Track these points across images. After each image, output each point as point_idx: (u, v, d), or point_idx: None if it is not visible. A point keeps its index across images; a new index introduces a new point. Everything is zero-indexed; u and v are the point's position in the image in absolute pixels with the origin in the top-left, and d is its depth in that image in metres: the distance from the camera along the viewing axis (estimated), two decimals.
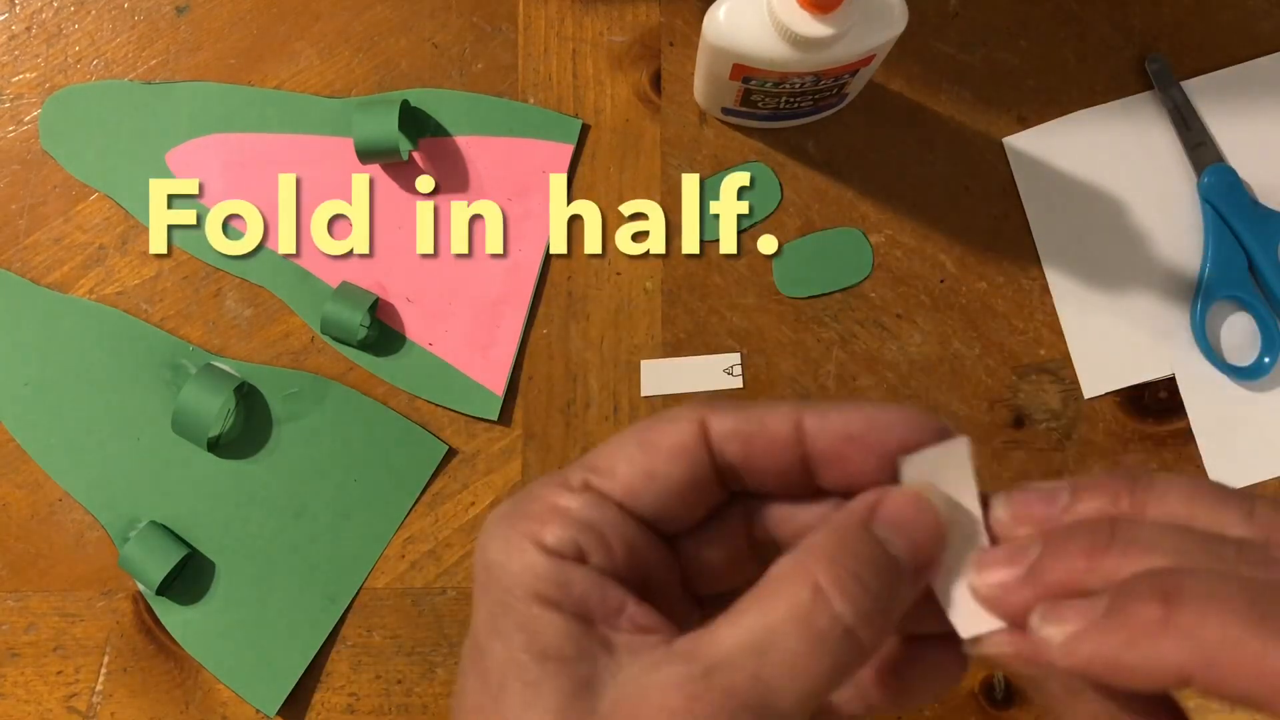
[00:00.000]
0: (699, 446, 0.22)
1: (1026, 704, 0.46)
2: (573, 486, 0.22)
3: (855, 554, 0.20)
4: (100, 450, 0.47)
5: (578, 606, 0.21)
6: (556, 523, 0.21)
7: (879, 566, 0.20)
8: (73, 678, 0.47)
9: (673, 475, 0.22)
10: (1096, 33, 0.49)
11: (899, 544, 0.20)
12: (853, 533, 0.20)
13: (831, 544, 0.20)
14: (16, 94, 0.49)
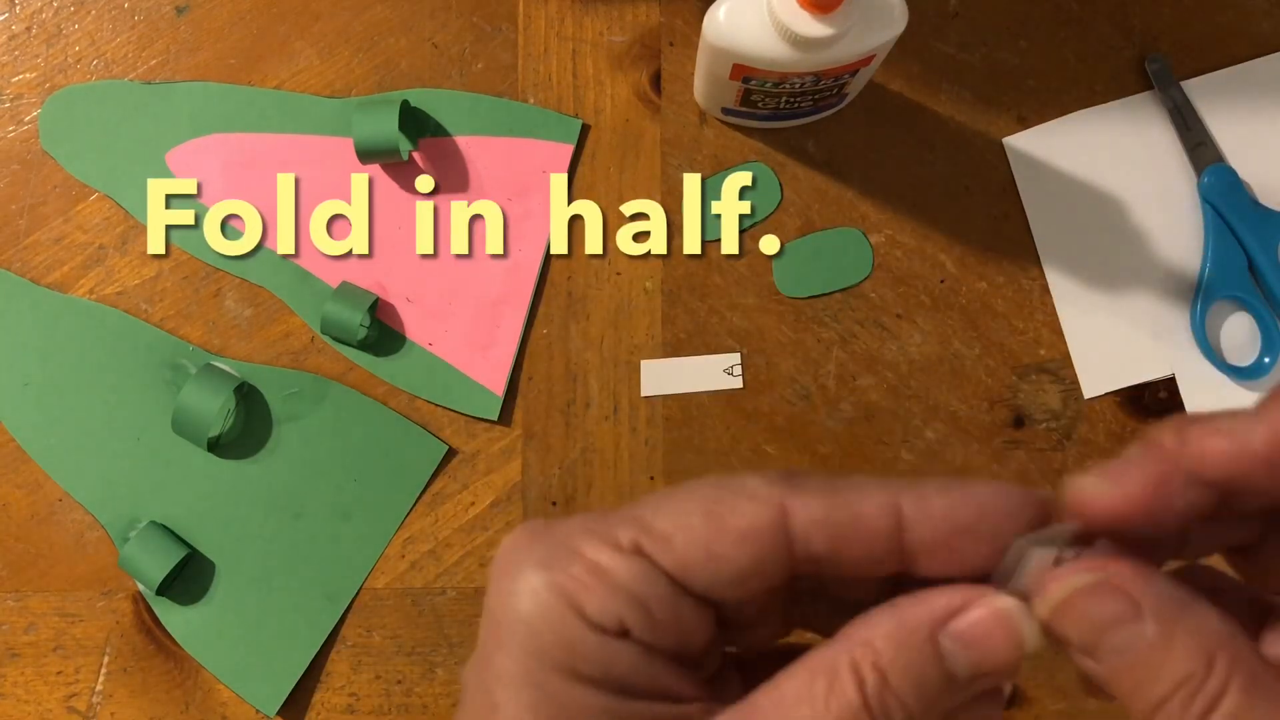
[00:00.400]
0: (775, 534, 0.20)
1: (1027, 704, 0.46)
2: (621, 546, 0.20)
3: (909, 666, 0.19)
4: (100, 450, 0.47)
5: (617, 683, 0.19)
6: (601, 590, 0.19)
7: (932, 685, 0.19)
8: (73, 678, 0.47)
9: (739, 561, 0.20)
10: (1096, 33, 0.49)
11: (963, 661, 0.19)
12: (916, 642, 0.19)
13: (891, 649, 0.19)
14: (16, 94, 0.49)
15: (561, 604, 0.19)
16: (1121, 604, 0.18)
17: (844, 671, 0.19)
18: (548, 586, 0.19)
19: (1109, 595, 0.18)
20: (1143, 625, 0.18)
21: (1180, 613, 0.18)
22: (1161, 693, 0.18)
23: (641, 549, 0.20)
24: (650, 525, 0.20)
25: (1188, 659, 0.18)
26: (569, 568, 0.19)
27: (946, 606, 0.19)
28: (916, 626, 0.19)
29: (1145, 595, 0.18)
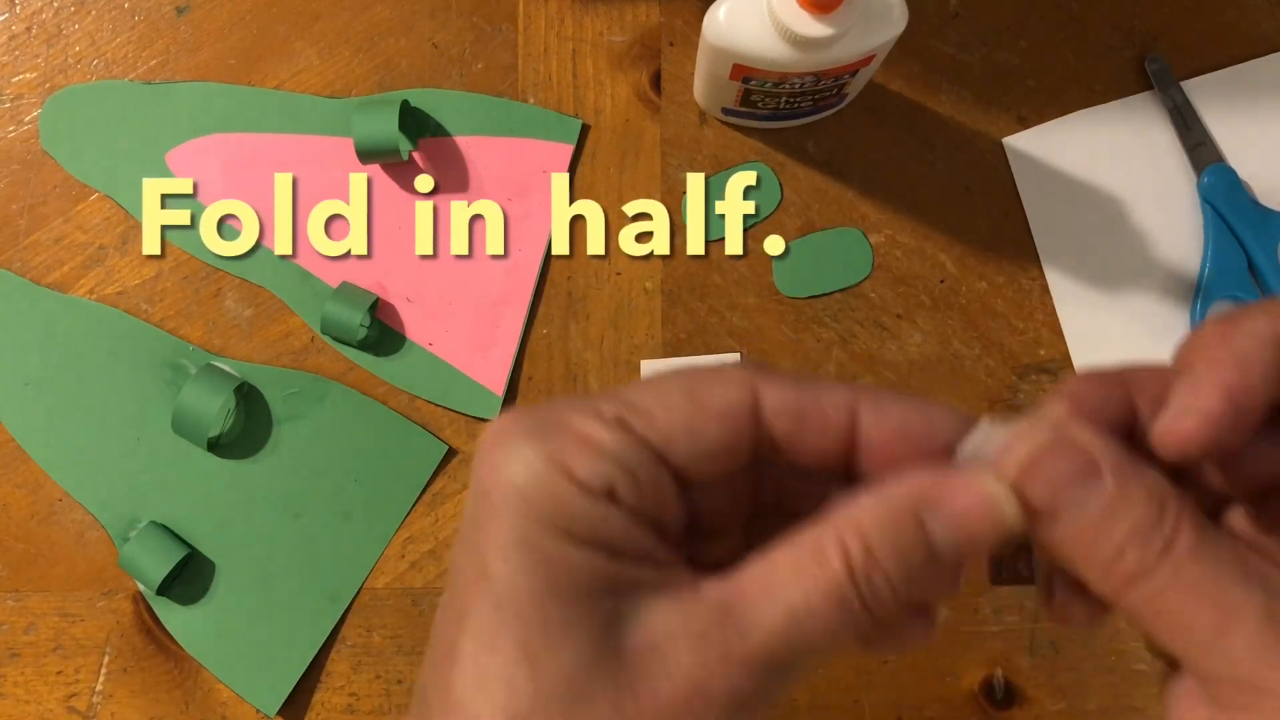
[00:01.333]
0: (748, 415, 0.21)
1: (1027, 704, 0.46)
2: (605, 419, 0.21)
3: (893, 538, 0.20)
4: (100, 450, 0.47)
5: (606, 543, 0.20)
6: (590, 455, 0.20)
7: (916, 561, 0.20)
8: (73, 678, 0.47)
9: (713, 437, 0.21)
10: (1096, 33, 0.49)
11: (948, 540, 0.20)
12: (902, 520, 0.20)
13: (877, 527, 0.20)
14: (16, 94, 0.49)
15: (552, 469, 0.20)
16: (1082, 460, 0.20)
17: (831, 548, 0.20)
18: (538, 454, 0.20)
19: (1071, 451, 0.20)
20: (1102, 480, 0.20)
21: (1132, 468, 0.20)
22: (1121, 539, 0.19)
23: (625, 422, 0.21)
24: (633, 402, 0.21)
25: (1143, 506, 0.19)
26: (558, 437, 0.20)
27: (932, 487, 0.20)
28: (902, 505, 0.20)
29: (1102, 453, 0.20)
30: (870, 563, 0.20)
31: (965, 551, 0.20)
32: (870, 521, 0.20)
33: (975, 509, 0.20)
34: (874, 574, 0.20)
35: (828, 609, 0.20)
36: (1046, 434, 0.20)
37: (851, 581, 0.20)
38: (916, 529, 0.20)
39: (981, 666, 0.46)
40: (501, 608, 0.20)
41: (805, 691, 0.46)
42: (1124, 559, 0.19)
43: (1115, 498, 0.20)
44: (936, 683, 0.46)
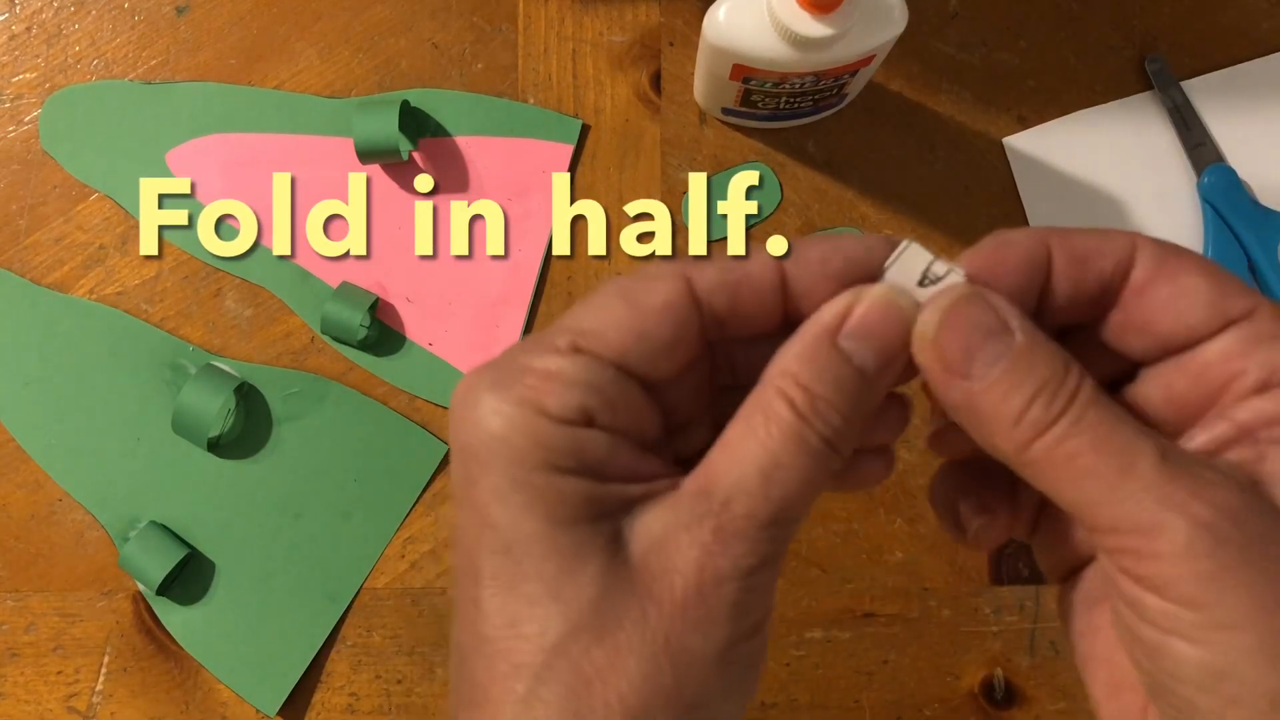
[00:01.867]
0: (687, 303, 0.22)
1: (1027, 704, 0.46)
2: (561, 350, 0.22)
3: (825, 378, 0.21)
4: (100, 450, 0.47)
5: (593, 469, 0.21)
6: (557, 388, 0.21)
7: (848, 386, 0.21)
8: (73, 678, 0.47)
9: (663, 334, 0.22)
10: (1096, 33, 0.49)
11: (867, 353, 0.21)
12: (821, 354, 0.21)
13: (802, 366, 0.21)
14: (16, 94, 0.49)
15: (525, 411, 0.21)
16: (996, 317, 0.21)
17: (775, 401, 0.21)
18: (508, 401, 0.21)
19: (985, 308, 0.21)
20: (1013, 336, 0.21)
21: (1038, 330, 0.21)
22: (1029, 393, 0.20)
23: (580, 347, 0.22)
24: (580, 327, 0.22)
25: (1050, 363, 0.21)
26: (522, 380, 0.21)
27: (837, 313, 0.22)
28: (818, 336, 0.22)
29: (1011, 313, 0.21)
30: (810, 397, 0.21)
31: (885, 359, 0.21)
32: (797, 363, 0.21)
33: (875, 315, 0.21)
34: (818, 405, 0.21)
35: (791, 454, 0.21)
36: (966, 288, 0.21)
37: (801, 420, 0.21)
38: (837, 353, 0.21)
39: (981, 666, 0.46)
40: (511, 551, 0.20)
41: (805, 691, 0.46)
42: (1031, 410, 0.20)
43: (1025, 352, 0.21)
44: (937, 683, 0.46)
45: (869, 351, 0.21)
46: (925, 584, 0.47)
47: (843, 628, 0.47)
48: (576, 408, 0.21)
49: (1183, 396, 0.22)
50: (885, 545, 0.47)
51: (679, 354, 0.22)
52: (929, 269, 0.22)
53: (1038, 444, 0.20)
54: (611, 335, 0.22)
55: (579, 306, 0.23)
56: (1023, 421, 0.20)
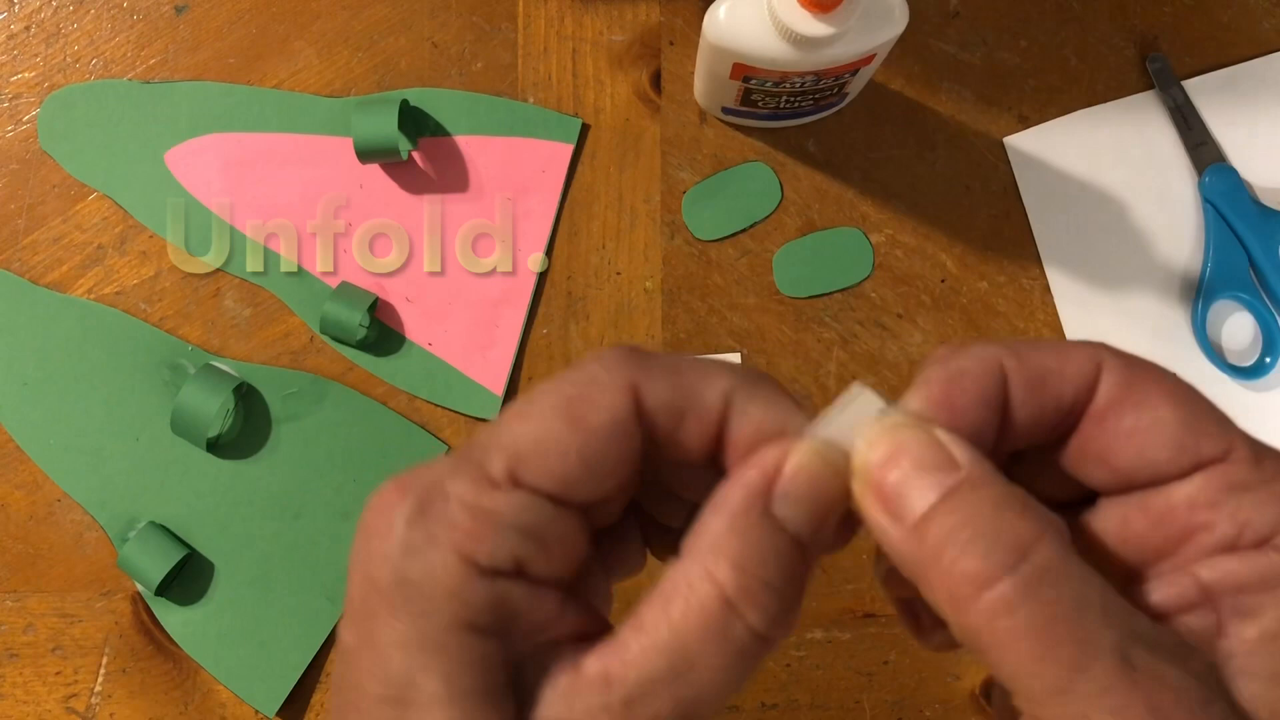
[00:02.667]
0: (634, 422, 0.20)
1: None
2: (497, 482, 0.19)
3: (759, 555, 0.18)
4: (99, 450, 0.47)
5: (509, 625, 0.19)
6: (490, 535, 0.18)
7: (785, 561, 0.19)
8: (71, 678, 0.47)
9: (607, 456, 0.19)
10: (1097, 32, 0.49)
11: (801, 519, 0.19)
12: (753, 525, 0.19)
13: (733, 543, 0.19)
14: (15, 93, 0.49)
15: (449, 559, 0.18)
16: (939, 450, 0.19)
17: (699, 583, 0.18)
18: (431, 542, 0.18)
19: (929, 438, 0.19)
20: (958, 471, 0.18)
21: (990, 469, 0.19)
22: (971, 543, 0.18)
23: (517, 476, 0.19)
24: (518, 448, 0.19)
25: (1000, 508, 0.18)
26: (450, 517, 0.19)
27: (765, 473, 0.19)
28: (747, 502, 0.19)
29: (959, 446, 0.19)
30: (743, 577, 0.18)
31: (821, 522, 0.19)
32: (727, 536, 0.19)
33: (807, 474, 0.19)
34: (752, 587, 0.18)
35: (712, 651, 0.18)
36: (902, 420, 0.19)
37: (729, 608, 0.18)
38: (770, 521, 0.19)
39: (982, 667, 0.46)
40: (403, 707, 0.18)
41: (805, 692, 0.46)
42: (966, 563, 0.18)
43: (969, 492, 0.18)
44: (937, 683, 0.46)
45: (805, 515, 0.19)
46: None
47: (843, 628, 0.47)
48: (508, 558, 0.19)
49: (1141, 537, 0.20)
50: None
51: (621, 474, 0.20)
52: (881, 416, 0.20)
53: (974, 609, 0.17)
54: (553, 460, 0.19)
55: (515, 415, 0.20)
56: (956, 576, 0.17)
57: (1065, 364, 0.20)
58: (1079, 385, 0.20)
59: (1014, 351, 0.20)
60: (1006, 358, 0.20)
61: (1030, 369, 0.20)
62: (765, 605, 0.18)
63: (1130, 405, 0.19)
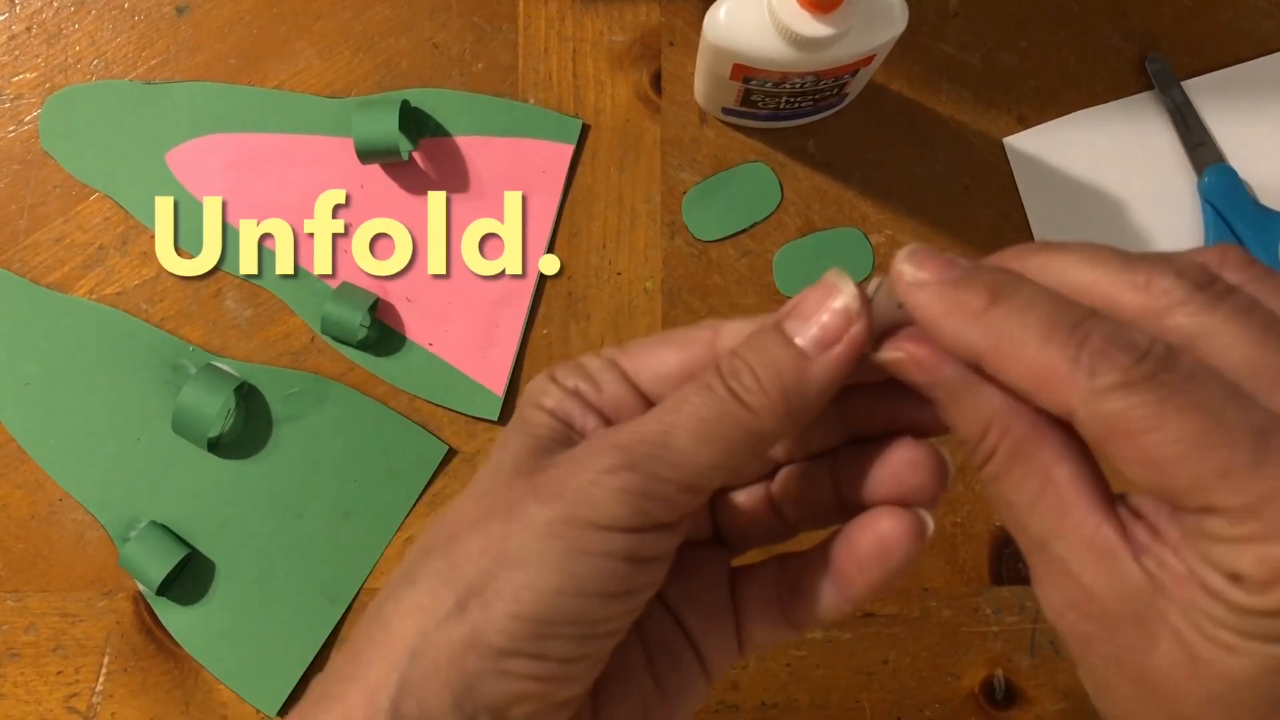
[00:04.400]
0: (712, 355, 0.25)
1: (1027, 704, 0.46)
2: (603, 354, 0.26)
3: (760, 347, 0.23)
4: (100, 450, 0.47)
5: (563, 415, 0.25)
6: (574, 373, 0.25)
7: (781, 358, 0.23)
8: (73, 678, 0.47)
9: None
10: (1097, 32, 0.49)
11: (808, 332, 0.23)
12: (763, 331, 0.23)
13: (746, 343, 0.23)
14: (16, 94, 0.49)
15: (549, 382, 0.25)
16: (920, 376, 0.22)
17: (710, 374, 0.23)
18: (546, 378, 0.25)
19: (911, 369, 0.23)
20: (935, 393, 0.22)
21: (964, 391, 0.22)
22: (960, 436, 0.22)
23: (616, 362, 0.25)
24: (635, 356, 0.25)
25: (969, 424, 0.22)
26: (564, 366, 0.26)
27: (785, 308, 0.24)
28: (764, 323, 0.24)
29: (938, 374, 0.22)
30: (730, 369, 0.23)
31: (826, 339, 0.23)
32: (741, 342, 0.23)
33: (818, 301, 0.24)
34: (744, 377, 0.22)
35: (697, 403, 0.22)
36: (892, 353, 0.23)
37: (730, 394, 0.22)
38: (778, 336, 0.23)
39: (982, 667, 0.46)
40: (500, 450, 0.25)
41: (806, 692, 0.46)
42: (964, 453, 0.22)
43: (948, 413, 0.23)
44: (937, 683, 0.46)
45: (814, 330, 0.23)
46: (925, 584, 0.47)
47: (843, 628, 0.47)
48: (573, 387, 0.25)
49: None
50: None
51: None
52: None
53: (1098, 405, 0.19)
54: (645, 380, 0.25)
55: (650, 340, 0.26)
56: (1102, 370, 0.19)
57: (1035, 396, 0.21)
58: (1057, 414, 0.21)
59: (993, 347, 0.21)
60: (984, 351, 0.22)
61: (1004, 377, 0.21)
62: (748, 386, 0.22)
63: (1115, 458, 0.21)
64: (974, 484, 0.47)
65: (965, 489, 0.47)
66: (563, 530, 0.22)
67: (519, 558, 0.22)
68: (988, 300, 0.21)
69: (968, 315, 0.21)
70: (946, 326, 0.21)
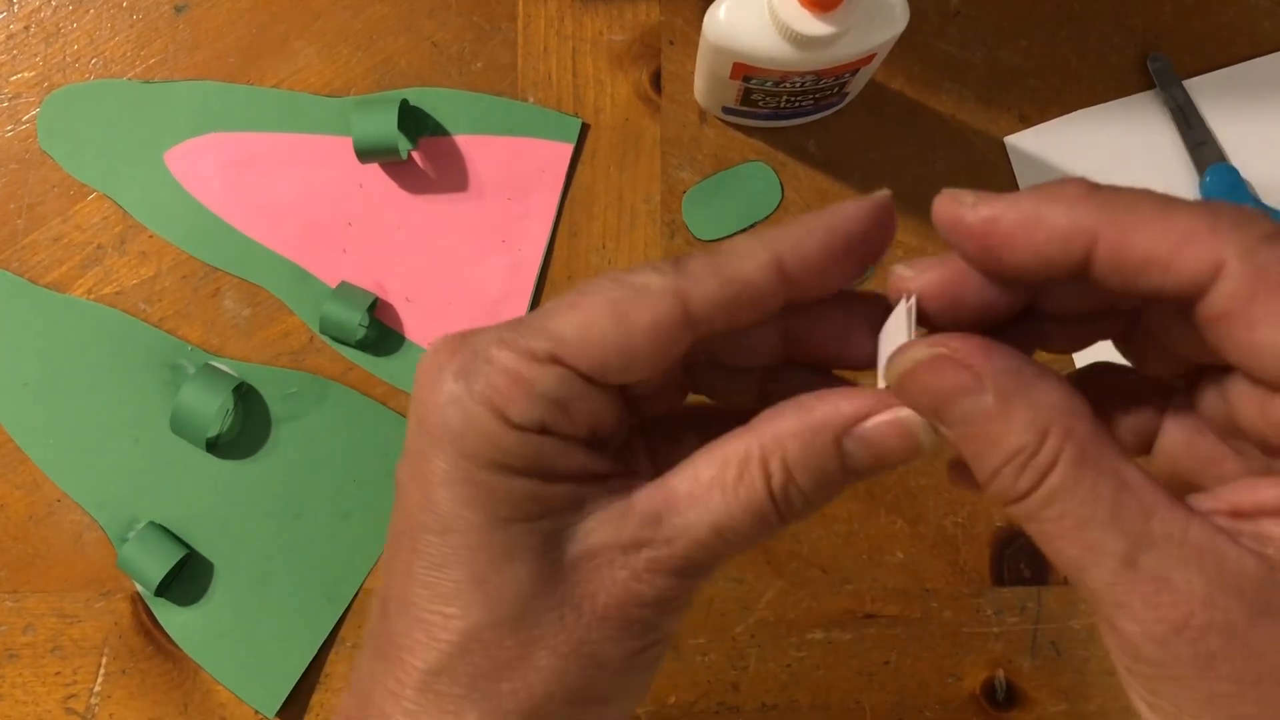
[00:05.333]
0: (679, 325, 0.21)
1: (1028, 705, 0.46)
2: (537, 356, 0.21)
3: (813, 467, 0.21)
4: (99, 450, 0.47)
5: (543, 470, 0.21)
6: (522, 397, 0.21)
7: (831, 479, 0.21)
8: (71, 679, 0.47)
9: (647, 355, 0.21)
10: (1098, 31, 0.49)
11: (864, 459, 0.21)
12: (824, 443, 0.21)
13: (798, 448, 0.21)
14: (15, 93, 0.49)
15: (484, 411, 0.21)
16: (963, 376, 0.19)
17: (754, 465, 0.21)
18: (471, 396, 0.21)
19: (949, 368, 0.19)
20: (983, 397, 0.19)
21: (1020, 386, 0.19)
22: (996, 463, 0.19)
23: (556, 356, 0.21)
24: (561, 333, 0.21)
25: (1022, 431, 0.19)
26: (488, 377, 0.21)
27: (853, 413, 0.21)
28: (823, 429, 0.21)
29: (987, 369, 0.19)
30: (789, 481, 0.21)
31: (876, 468, 0.21)
32: (793, 444, 0.21)
33: (891, 432, 0.21)
34: (791, 491, 0.21)
35: (748, 522, 0.21)
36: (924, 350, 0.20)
37: (770, 499, 0.21)
38: (836, 451, 0.21)
39: (983, 668, 0.46)
40: (447, 538, 0.21)
41: (807, 693, 0.46)
42: (1001, 479, 0.19)
43: (995, 417, 0.19)
44: (938, 684, 0.46)
45: (869, 459, 0.21)
46: (926, 585, 0.47)
47: (844, 629, 0.46)
48: (536, 418, 0.21)
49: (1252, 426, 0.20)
50: (886, 546, 0.47)
51: (660, 367, 0.22)
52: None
53: (1011, 509, 0.19)
54: (593, 349, 0.21)
55: (564, 305, 0.21)
56: (993, 485, 0.19)
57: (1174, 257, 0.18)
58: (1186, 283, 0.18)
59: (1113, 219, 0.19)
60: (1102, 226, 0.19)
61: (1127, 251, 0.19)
62: (796, 506, 0.21)
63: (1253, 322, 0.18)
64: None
65: None
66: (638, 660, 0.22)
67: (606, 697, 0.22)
68: (1088, 187, 0.19)
69: (1072, 199, 0.19)
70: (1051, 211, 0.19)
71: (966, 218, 0.20)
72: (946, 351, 0.20)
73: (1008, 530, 0.47)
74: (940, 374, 0.20)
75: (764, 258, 0.21)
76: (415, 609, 0.21)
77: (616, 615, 0.21)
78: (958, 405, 0.19)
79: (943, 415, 0.20)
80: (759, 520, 0.21)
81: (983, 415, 0.19)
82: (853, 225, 0.21)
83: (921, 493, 0.47)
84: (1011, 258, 0.20)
